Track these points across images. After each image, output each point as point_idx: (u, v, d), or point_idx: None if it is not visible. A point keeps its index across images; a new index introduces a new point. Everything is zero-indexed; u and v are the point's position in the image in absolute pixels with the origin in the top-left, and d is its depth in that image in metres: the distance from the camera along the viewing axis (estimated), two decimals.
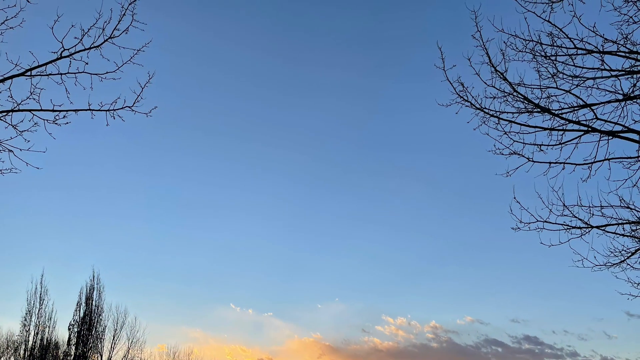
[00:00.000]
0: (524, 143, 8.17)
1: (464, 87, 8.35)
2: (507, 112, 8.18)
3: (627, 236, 8.06)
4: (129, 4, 7.63)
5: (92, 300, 31.69)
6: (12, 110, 7.44)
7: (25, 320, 30.62)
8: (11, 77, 7.37)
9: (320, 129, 45.89)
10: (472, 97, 8.32)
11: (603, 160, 7.97)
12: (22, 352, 30.07)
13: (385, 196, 45.71)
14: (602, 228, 8.05)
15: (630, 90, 7.90)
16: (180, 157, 44.51)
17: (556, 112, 8.04)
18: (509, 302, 40.51)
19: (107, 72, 7.80)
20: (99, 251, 41.82)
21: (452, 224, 43.75)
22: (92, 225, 42.21)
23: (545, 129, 8.09)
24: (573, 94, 8.05)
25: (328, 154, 46.12)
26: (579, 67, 8.00)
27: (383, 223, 45.15)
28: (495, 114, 8.21)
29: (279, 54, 44.10)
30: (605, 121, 7.97)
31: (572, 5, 7.87)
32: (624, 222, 7.99)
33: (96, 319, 31.25)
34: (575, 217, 8.05)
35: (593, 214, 8.03)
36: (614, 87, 7.94)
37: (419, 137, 43.66)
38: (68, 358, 30.65)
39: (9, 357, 30.85)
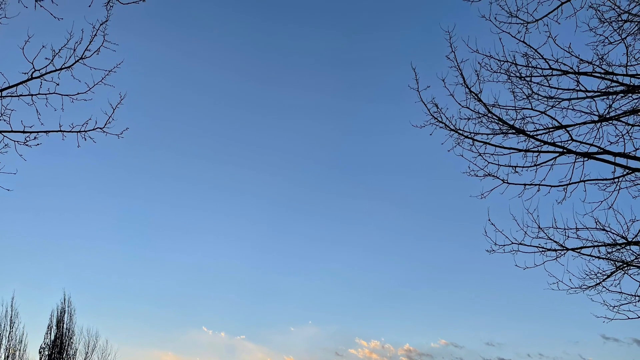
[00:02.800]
0: (498, 165, 8.51)
1: (438, 108, 8.68)
2: (482, 134, 8.53)
3: (603, 258, 8.37)
4: (100, 25, 7.94)
5: (63, 323, 32.08)
6: None
7: None
8: None
9: (292, 150, 46.72)
10: (447, 118, 8.66)
11: (578, 182, 8.29)
12: None
13: (358, 218, 46.47)
14: (578, 250, 8.37)
15: (606, 111, 8.25)
16: (152, 179, 45.21)
17: (531, 134, 8.39)
18: (484, 325, 41.16)
19: (78, 93, 8.09)
20: (70, 274, 42.25)
21: (426, 246, 44.40)
22: (63, 247, 42.72)
23: (520, 150, 8.42)
24: (548, 115, 8.41)
25: (300, 175, 46.93)
26: (554, 88, 8.36)
27: (356, 245, 45.85)
28: (469, 135, 8.55)
29: (252, 75, 44.99)
30: (581, 142, 8.29)
31: (547, 25, 8.24)
32: (600, 244, 8.30)
33: (67, 342, 31.62)
34: (551, 239, 8.37)
35: (568, 236, 8.34)
36: (589, 108, 8.28)
37: (393, 159, 44.45)
38: None
39: None
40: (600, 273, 8.41)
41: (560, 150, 8.33)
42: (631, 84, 8.14)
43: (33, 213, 41.23)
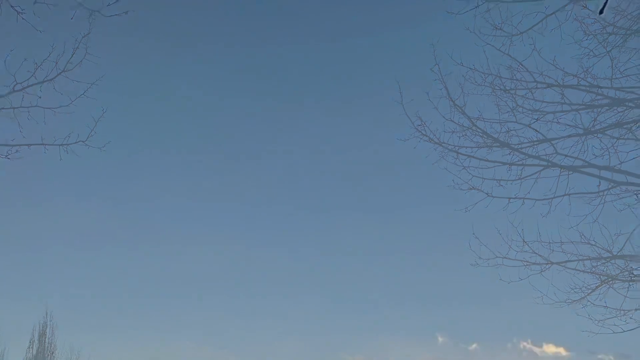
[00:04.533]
0: (483, 178, 8.54)
1: (422, 121, 8.73)
2: (466, 147, 8.59)
3: (588, 272, 8.39)
4: (82, 37, 8.04)
5: (46, 338, 32.19)
6: None
7: None
8: None
9: (278, 163, 47.00)
10: (431, 131, 8.72)
11: (563, 196, 8.33)
12: None
13: (342, 231, 46.70)
14: (563, 264, 8.41)
15: (591, 124, 8.30)
16: (135, 192, 45.40)
17: (516, 147, 8.45)
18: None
19: (60, 106, 8.19)
20: (52, 288, 42.51)
21: (410, 260, 44.55)
22: (45, 261, 43.01)
23: (504, 163, 8.47)
24: (533, 128, 8.46)
25: (285, 187, 47.25)
26: (539, 101, 8.41)
27: (340, 259, 45.98)
28: (454, 149, 8.61)
29: (235, 85, 44.99)
30: (566, 156, 8.35)
31: (532, 38, 8.28)
32: (585, 258, 8.35)
33: (49, 357, 31.83)
34: (535, 253, 8.42)
35: (553, 250, 8.39)
36: (574, 121, 8.33)
37: (377, 172, 44.65)
38: None
39: None
40: (586, 287, 8.44)
41: (545, 163, 8.38)
42: (616, 97, 8.20)
43: (15, 226, 41.31)
